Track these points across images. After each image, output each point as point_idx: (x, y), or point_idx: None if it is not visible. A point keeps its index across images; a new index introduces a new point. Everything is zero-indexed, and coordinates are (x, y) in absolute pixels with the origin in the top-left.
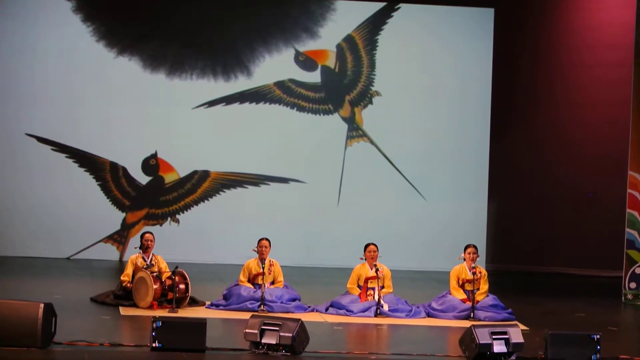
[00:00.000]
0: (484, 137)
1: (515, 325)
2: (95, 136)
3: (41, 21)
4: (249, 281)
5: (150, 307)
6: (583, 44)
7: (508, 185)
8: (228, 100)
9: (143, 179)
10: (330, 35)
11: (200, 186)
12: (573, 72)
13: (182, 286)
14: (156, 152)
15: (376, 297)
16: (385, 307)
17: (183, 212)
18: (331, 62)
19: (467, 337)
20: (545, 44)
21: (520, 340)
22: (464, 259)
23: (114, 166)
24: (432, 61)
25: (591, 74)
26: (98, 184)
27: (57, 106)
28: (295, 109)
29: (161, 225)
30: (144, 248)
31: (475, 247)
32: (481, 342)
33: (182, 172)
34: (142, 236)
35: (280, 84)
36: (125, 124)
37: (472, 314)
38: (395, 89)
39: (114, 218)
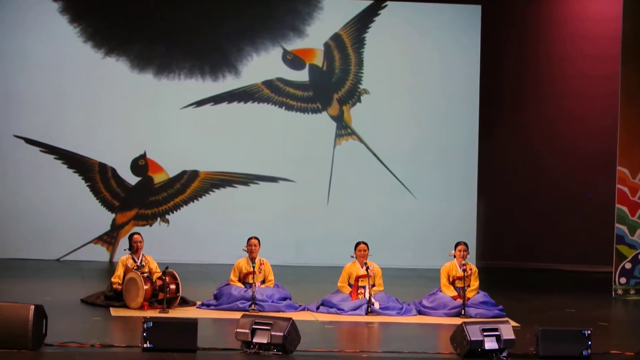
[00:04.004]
0: (472, 133)
1: (506, 321)
2: (84, 137)
3: (28, 22)
4: (239, 280)
5: (141, 307)
6: (570, 38)
7: (498, 182)
8: (216, 99)
9: (132, 180)
10: (317, 33)
11: (189, 186)
12: (561, 66)
13: (172, 286)
14: (145, 153)
15: (367, 296)
16: (376, 305)
17: (173, 212)
18: (319, 60)
19: (458, 334)
20: (533, 40)
21: (512, 336)
22: (454, 256)
23: (102, 167)
24: (420, 58)
25: (580, 69)
26: (87, 185)
27: (45, 107)
28: (283, 107)
29: (151, 225)
30: (134, 249)
31: (465, 244)
32: (472, 339)
33: (171, 172)
34: (130, 237)
35: (268, 83)
36: (113, 125)
37: (463, 311)
38: (383, 87)
39: (104, 219)
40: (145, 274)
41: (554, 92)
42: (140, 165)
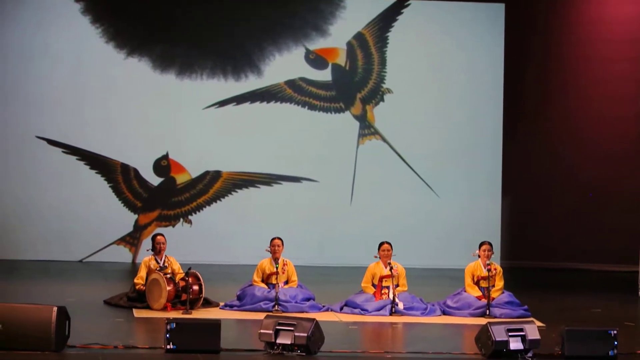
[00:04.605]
0: (496, 132)
1: (532, 321)
2: (106, 138)
3: (50, 23)
4: (262, 281)
5: (164, 308)
6: (594, 37)
7: (522, 181)
8: (239, 99)
9: (155, 180)
10: (340, 33)
11: (212, 186)
12: (585, 65)
13: (195, 287)
14: (167, 153)
15: (391, 296)
16: (400, 306)
17: (195, 213)
18: (342, 60)
19: (483, 335)
20: (557, 38)
21: (537, 336)
22: (479, 256)
23: (125, 168)
24: (443, 57)
25: (603, 67)
26: (109, 186)
27: (67, 108)
28: (306, 107)
29: (173, 226)
30: (157, 250)
31: (490, 244)
32: (497, 339)
33: (194, 172)
34: (153, 239)
35: (290, 83)
36: (136, 125)
37: (487, 311)
38: (406, 86)
39: (126, 220)
40: (168, 275)
41: (579, 90)
42: (163, 165)
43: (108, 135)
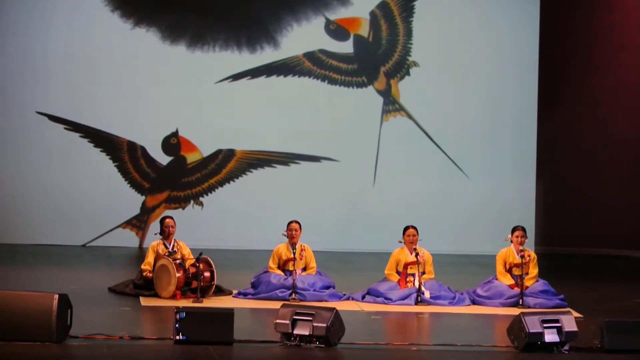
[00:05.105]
0: (531, 108)
1: (568, 312)
2: (112, 113)
3: None
4: (279, 268)
5: (173, 297)
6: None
7: (558, 160)
8: (254, 73)
9: (163, 159)
10: (363, 1)
11: (225, 166)
12: (633, 32)
13: (207, 274)
14: (177, 130)
15: (416, 284)
16: (427, 294)
17: (207, 195)
18: (364, 30)
19: (515, 326)
20: (600, 6)
21: (574, 328)
22: (511, 242)
23: (132, 146)
24: (473, 28)
25: None
26: (115, 165)
27: (70, 82)
28: (326, 81)
29: (184, 208)
30: (165, 234)
31: (523, 229)
32: (531, 331)
33: (206, 151)
34: (161, 221)
35: (309, 55)
36: (143, 100)
37: (520, 300)
38: (434, 59)
39: (133, 202)
40: (178, 261)
41: (626, 60)
42: (172, 143)
43: (113, 110)
